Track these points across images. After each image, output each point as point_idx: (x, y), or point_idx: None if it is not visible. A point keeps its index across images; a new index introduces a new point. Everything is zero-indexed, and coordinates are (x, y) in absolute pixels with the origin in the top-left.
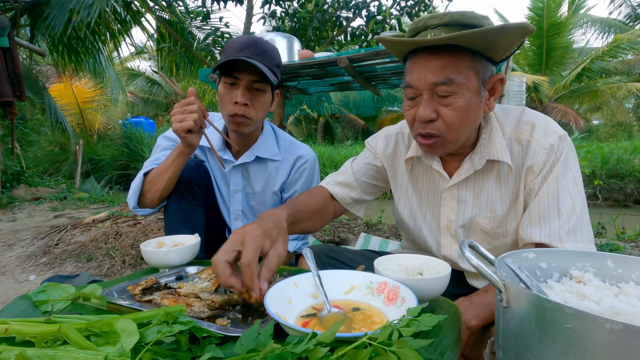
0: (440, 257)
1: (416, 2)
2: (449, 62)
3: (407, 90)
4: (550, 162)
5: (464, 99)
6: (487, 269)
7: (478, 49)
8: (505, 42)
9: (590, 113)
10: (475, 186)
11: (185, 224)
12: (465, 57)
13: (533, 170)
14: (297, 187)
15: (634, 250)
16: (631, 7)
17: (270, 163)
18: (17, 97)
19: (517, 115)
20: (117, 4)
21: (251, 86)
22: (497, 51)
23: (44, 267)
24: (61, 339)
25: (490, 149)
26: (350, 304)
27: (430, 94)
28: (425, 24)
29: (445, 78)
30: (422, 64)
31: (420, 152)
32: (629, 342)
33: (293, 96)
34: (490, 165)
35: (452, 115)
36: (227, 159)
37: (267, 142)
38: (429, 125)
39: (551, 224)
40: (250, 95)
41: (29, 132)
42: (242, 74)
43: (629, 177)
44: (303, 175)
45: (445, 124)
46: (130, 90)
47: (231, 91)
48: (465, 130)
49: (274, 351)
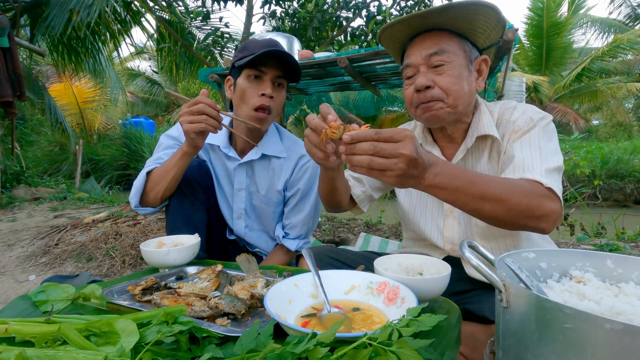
0: (442, 241)
1: (416, 2)
2: (440, 39)
3: (406, 70)
4: (530, 125)
5: (456, 69)
6: (487, 269)
7: (461, 31)
8: (482, 24)
9: (590, 113)
10: (470, 165)
11: (187, 223)
12: (454, 37)
13: (514, 135)
14: (299, 186)
15: (634, 250)
16: (631, 7)
17: (274, 160)
18: (17, 97)
19: (505, 104)
20: (117, 4)
21: (275, 81)
22: (476, 34)
23: (44, 267)
24: (61, 339)
25: (479, 127)
26: (350, 304)
27: (426, 67)
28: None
29: (438, 48)
30: (418, 45)
31: (420, 140)
32: (629, 342)
33: (293, 96)
34: (481, 143)
35: (447, 80)
36: (233, 157)
37: (272, 139)
38: (427, 92)
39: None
40: (273, 89)
41: (29, 132)
42: (268, 68)
43: (629, 177)
44: (306, 173)
45: (442, 89)
46: (130, 90)
47: (256, 84)
48: (461, 96)
49: (274, 351)
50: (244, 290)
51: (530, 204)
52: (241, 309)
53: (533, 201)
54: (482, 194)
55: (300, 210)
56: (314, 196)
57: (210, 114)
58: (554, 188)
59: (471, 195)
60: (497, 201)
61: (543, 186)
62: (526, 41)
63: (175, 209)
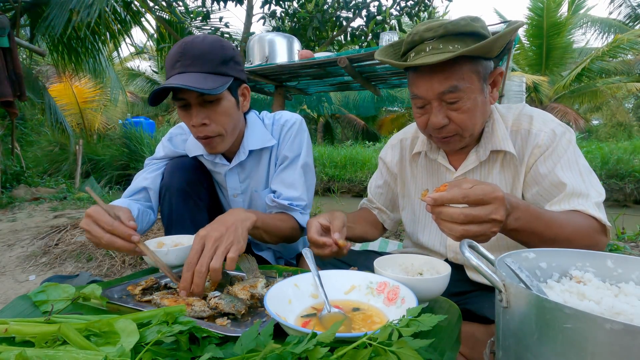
0: (444, 248)
1: (416, 2)
2: (451, 72)
3: (416, 100)
4: (555, 143)
5: (471, 101)
6: (487, 269)
7: (477, 54)
8: (500, 44)
9: (590, 113)
10: (480, 177)
11: (191, 224)
12: (465, 64)
13: (538, 150)
14: (285, 153)
15: (634, 250)
16: (631, 7)
17: (265, 152)
18: (17, 97)
19: (517, 109)
20: (117, 4)
21: (202, 100)
22: (493, 52)
23: (44, 267)
24: (61, 339)
25: (493, 140)
26: (350, 304)
27: (439, 102)
28: (421, 37)
29: (451, 86)
30: (426, 77)
31: (425, 147)
32: (629, 342)
33: (293, 96)
34: (494, 155)
35: (463, 117)
36: (220, 163)
37: (255, 132)
38: (442, 130)
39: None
40: (205, 111)
41: (29, 132)
42: (184, 93)
43: (629, 177)
44: (289, 139)
45: (458, 125)
46: (130, 90)
47: (187, 114)
48: (478, 125)
49: (274, 351)
50: (244, 290)
51: (592, 242)
52: (241, 309)
53: (593, 239)
54: (555, 236)
55: (288, 174)
56: (299, 162)
57: (119, 247)
58: (607, 225)
59: (546, 237)
60: (566, 242)
61: (599, 222)
62: (526, 41)
63: (180, 209)
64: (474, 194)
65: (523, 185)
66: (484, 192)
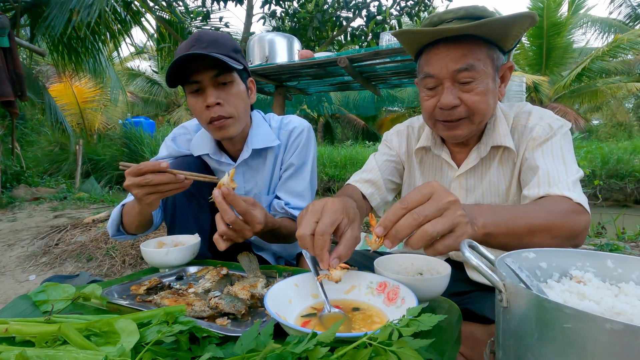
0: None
1: (416, 2)
2: (469, 50)
3: (427, 80)
4: (550, 134)
5: (484, 84)
6: (487, 269)
7: (492, 38)
8: (516, 32)
9: (590, 113)
10: (481, 174)
11: (195, 224)
12: (482, 46)
13: (532, 143)
14: (292, 160)
15: (634, 250)
16: (631, 7)
17: (269, 152)
18: (18, 97)
19: (519, 107)
20: (117, 4)
21: (216, 82)
22: (508, 40)
23: (44, 267)
24: (61, 339)
25: (494, 136)
26: (350, 304)
27: (452, 81)
28: (440, 18)
29: (467, 64)
30: (443, 54)
31: (429, 142)
32: (629, 342)
33: (293, 96)
34: (494, 151)
35: (475, 99)
36: (225, 162)
37: (260, 131)
38: (452, 111)
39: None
40: (218, 92)
41: (29, 132)
42: (199, 74)
43: (629, 177)
44: (298, 147)
45: (470, 108)
46: (130, 90)
47: (199, 98)
48: (487, 113)
49: (274, 351)
50: (244, 290)
51: (570, 224)
52: (241, 309)
53: (571, 221)
54: (530, 227)
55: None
56: (307, 171)
57: (161, 181)
58: (582, 202)
59: (520, 231)
60: (543, 231)
61: (572, 201)
62: (526, 41)
63: (183, 209)
64: (410, 196)
65: (519, 179)
66: (417, 189)
